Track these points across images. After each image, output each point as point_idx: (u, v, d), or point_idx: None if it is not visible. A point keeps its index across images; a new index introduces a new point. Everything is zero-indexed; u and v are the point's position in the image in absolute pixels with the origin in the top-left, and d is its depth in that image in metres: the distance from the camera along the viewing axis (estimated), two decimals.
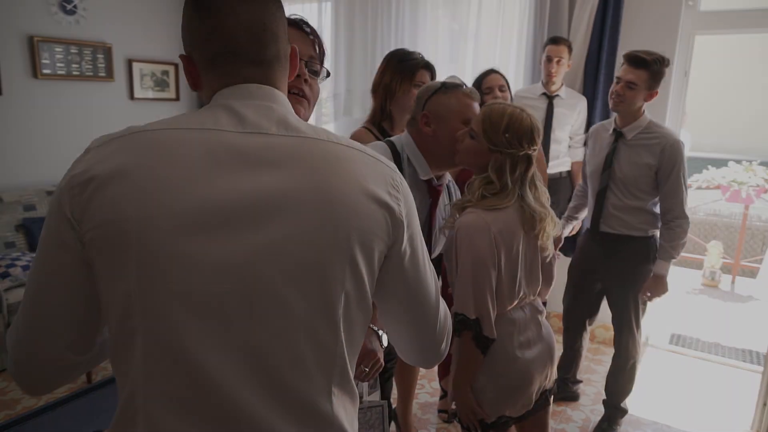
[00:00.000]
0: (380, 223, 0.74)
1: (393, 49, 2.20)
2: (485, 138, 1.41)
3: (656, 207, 2.29)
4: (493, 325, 1.41)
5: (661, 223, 2.26)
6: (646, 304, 2.40)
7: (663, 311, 3.44)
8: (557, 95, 3.02)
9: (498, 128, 1.40)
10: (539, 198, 1.48)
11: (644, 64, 2.15)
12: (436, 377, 2.79)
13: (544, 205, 1.48)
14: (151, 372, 0.67)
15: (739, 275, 5.25)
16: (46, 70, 3.59)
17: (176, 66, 4.32)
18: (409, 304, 0.84)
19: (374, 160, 0.78)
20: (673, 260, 2.25)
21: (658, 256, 2.26)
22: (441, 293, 0.90)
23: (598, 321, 2.74)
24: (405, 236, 0.77)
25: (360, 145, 0.79)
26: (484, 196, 1.42)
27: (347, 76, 3.97)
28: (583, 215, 2.66)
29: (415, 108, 1.58)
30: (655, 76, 2.16)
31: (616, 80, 2.25)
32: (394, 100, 2.04)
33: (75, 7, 3.69)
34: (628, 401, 2.52)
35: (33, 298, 0.72)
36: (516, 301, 1.48)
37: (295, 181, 0.70)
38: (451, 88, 1.53)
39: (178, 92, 4.42)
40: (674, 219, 2.20)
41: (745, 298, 4.87)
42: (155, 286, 0.65)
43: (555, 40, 2.95)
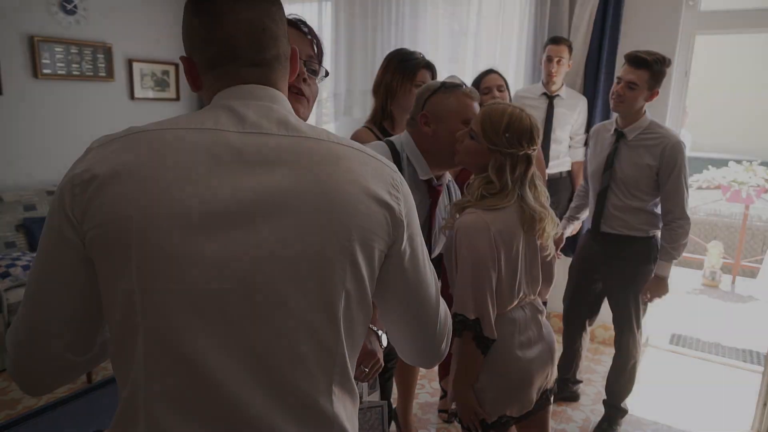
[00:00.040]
0: (380, 223, 0.74)
1: (394, 49, 2.20)
2: (485, 138, 1.41)
3: (657, 207, 2.29)
4: (494, 325, 1.42)
5: (662, 223, 2.26)
6: (646, 305, 2.40)
7: (663, 311, 3.43)
8: (557, 95, 3.02)
9: (498, 128, 1.40)
10: (539, 198, 1.48)
11: (645, 65, 2.15)
12: (437, 377, 2.79)
13: (543, 205, 1.48)
14: (151, 371, 0.67)
15: (739, 275, 5.25)
16: (46, 70, 3.59)
17: (176, 66, 4.32)
18: (409, 304, 0.84)
19: (374, 160, 0.78)
20: (675, 261, 2.25)
21: (659, 257, 2.26)
22: (441, 293, 0.90)
23: (598, 321, 2.73)
24: (405, 236, 0.77)
25: (360, 145, 0.79)
26: (484, 196, 1.42)
27: (347, 76, 3.97)
28: (584, 215, 2.66)
29: (415, 108, 1.58)
30: (656, 76, 2.16)
31: (616, 80, 2.25)
32: (395, 100, 2.04)
33: (75, 7, 3.69)
34: (629, 401, 2.52)
35: (33, 298, 0.72)
36: (516, 301, 1.48)
37: (296, 181, 0.70)
38: (450, 88, 1.53)
39: (178, 92, 4.42)
40: (675, 220, 2.20)
41: (745, 298, 4.87)
42: (156, 286, 0.66)
43: (555, 40, 2.95)
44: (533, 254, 1.50)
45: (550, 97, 3.01)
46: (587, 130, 3.06)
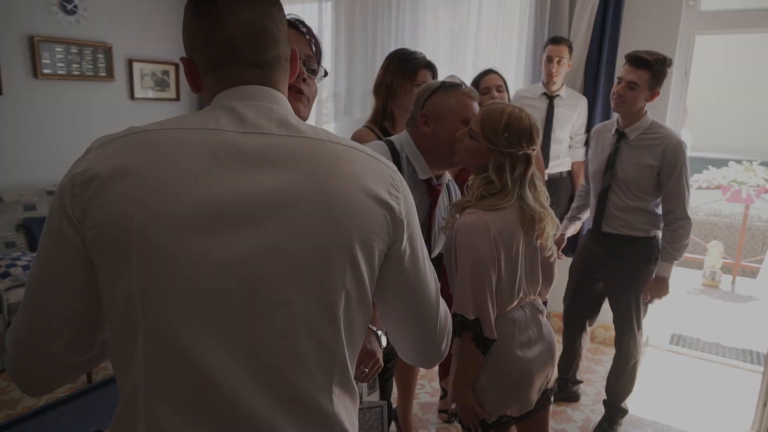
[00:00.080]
0: (380, 223, 0.74)
1: (395, 49, 2.20)
2: (484, 138, 1.41)
3: (658, 208, 2.29)
4: (494, 325, 1.41)
5: (663, 224, 2.26)
6: (647, 305, 2.39)
7: (663, 311, 3.44)
8: (558, 95, 3.02)
9: (497, 128, 1.40)
10: (539, 198, 1.48)
11: (645, 65, 2.15)
12: (437, 377, 2.79)
13: (543, 205, 1.48)
14: (151, 371, 0.67)
15: (739, 275, 5.25)
16: (46, 70, 3.59)
17: (176, 66, 4.32)
18: (409, 304, 0.84)
19: (374, 159, 0.78)
20: (676, 262, 2.25)
21: (660, 258, 2.26)
22: (441, 293, 0.90)
23: (599, 321, 2.73)
24: (405, 235, 0.78)
25: (360, 145, 0.79)
26: (484, 196, 1.42)
27: (347, 76, 3.97)
28: (586, 215, 2.66)
29: (415, 107, 1.58)
30: (657, 76, 2.16)
31: (617, 80, 2.25)
32: (396, 100, 2.04)
33: (75, 6, 3.69)
34: (629, 401, 2.52)
35: (33, 297, 0.72)
36: (516, 301, 1.48)
37: (296, 181, 0.70)
38: (450, 88, 1.53)
39: (178, 92, 4.42)
40: (676, 220, 2.20)
41: (745, 298, 4.87)
42: (156, 286, 0.66)
43: (555, 40, 2.95)
44: (533, 254, 1.50)
45: (551, 97, 3.01)
46: (587, 130, 3.06)
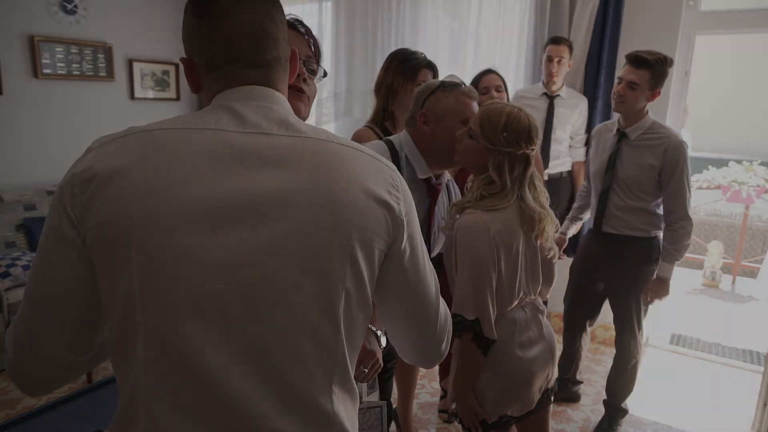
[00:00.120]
0: (380, 222, 0.74)
1: (396, 49, 2.20)
2: (483, 137, 1.41)
3: (659, 208, 2.28)
4: (494, 325, 1.41)
5: (664, 224, 2.26)
6: (647, 305, 2.39)
7: (663, 311, 3.43)
8: (558, 95, 3.02)
9: (496, 127, 1.40)
10: (538, 198, 1.48)
11: (646, 64, 2.14)
12: (437, 377, 2.79)
13: (543, 206, 1.48)
14: (151, 371, 0.67)
15: (739, 275, 5.24)
16: (46, 70, 3.59)
17: (177, 66, 4.33)
18: (409, 303, 0.84)
19: (374, 159, 0.78)
20: (677, 262, 2.25)
21: (661, 258, 2.25)
22: (441, 293, 0.90)
23: (599, 321, 2.73)
24: (405, 235, 0.78)
25: (359, 145, 0.80)
26: (483, 197, 1.42)
27: (347, 76, 3.97)
28: (587, 215, 2.65)
29: (414, 107, 1.58)
30: (658, 76, 2.16)
31: (617, 80, 2.25)
32: (397, 100, 2.04)
33: (75, 6, 3.69)
34: (629, 401, 2.52)
35: (33, 297, 0.72)
36: (516, 301, 1.48)
37: (296, 181, 0.70)
38: (449, 87, 1.53)
39: (178, 92, 4.42)
40: (677, 220, 2.19)
41: (745, 298, 4.87)
42: (156, 285, 0.66)
43: (556, 40, 2.95)
44: (533, 254, 1.49)
45: (551, 97, 3.01)
46: (588, 130, 3.06)
